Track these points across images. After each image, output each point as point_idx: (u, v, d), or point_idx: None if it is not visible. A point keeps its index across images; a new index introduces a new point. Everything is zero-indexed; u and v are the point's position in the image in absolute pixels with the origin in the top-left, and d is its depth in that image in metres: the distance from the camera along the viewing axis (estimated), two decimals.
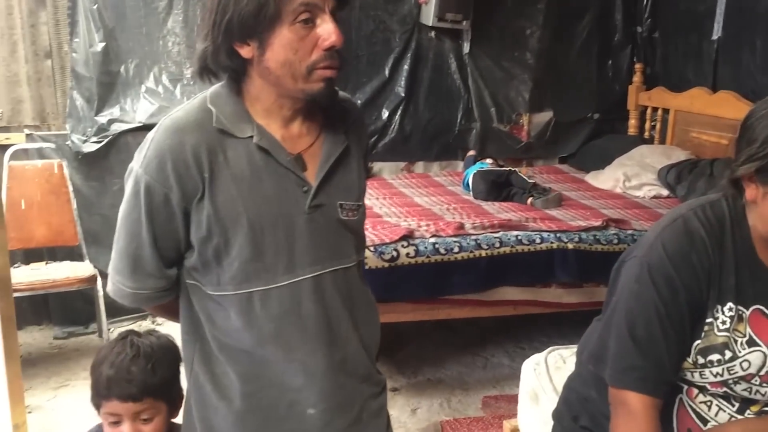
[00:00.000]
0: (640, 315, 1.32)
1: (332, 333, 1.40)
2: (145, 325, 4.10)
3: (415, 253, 3.12)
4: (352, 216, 1.43)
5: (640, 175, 4.13)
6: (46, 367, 3.58)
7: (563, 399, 1.61)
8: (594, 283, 3.31)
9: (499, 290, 3.26)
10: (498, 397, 3.36)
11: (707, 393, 1.34)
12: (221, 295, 1.36)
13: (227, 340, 1.38)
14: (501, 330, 3.96)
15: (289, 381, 1.38)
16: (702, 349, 1.30)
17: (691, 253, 1.30)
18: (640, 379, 1.30)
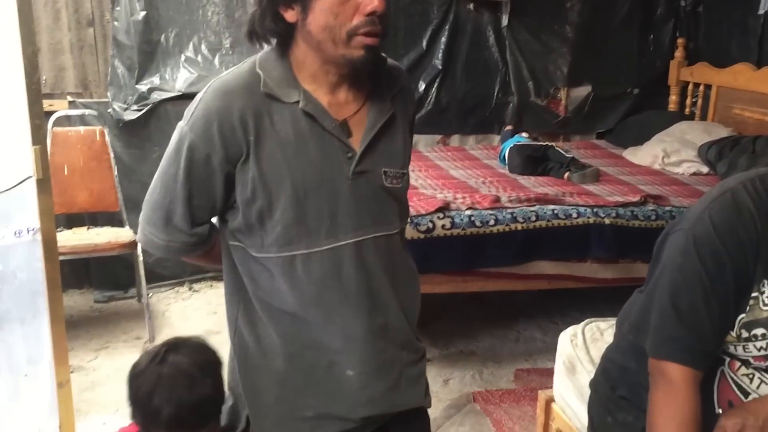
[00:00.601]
0: (684, 288, 1.31)
1: (372, 298, 1.42)
2: (182, 291, 4.18)
3: (451, 225, 3.13)
4: (396, 184, 1.44)
5: (680, 152, 4.07)
6: (86, 329, 3.68)
7: (601, 369, 1.62)
8: (630, 259, 3.29)
9: (534, 264, 3.26)
10: (530, 370, 3.37)
11: (750, 366, 1.34)
12: (265, 257, 1.38)
13: (270, 301, 1.41)
14: (534, 304, 3.96)
15: (329, 343, 1.41)
16: (746, 323, 1.30)
17: (738, 227, 1.29)
18: (682, 351, 1.30)
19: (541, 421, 2.01)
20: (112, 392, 3.07)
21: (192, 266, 4.27)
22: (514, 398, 3.11)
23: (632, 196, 3.44)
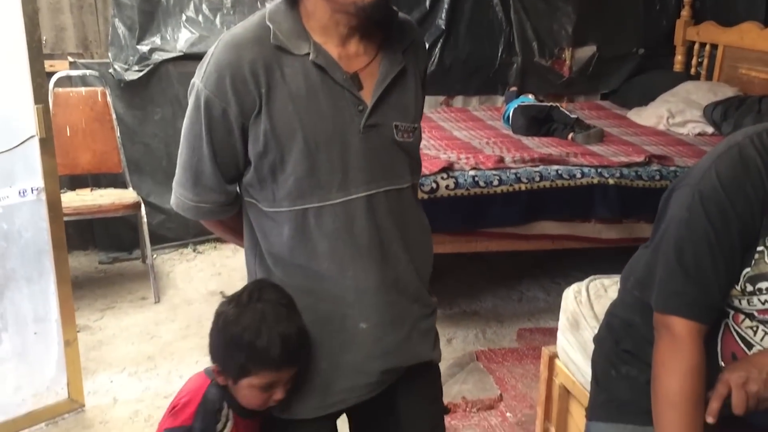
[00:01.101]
0: (690, 243, 1.31)
1: (384, 252, 1.43)
2: (186, 253, 4.20)
3: (455, 185, 3.13)
4: (407, 138, 1.44)
5: (685, 112, 4.05)
6: (92, 290, 3.70)
7: (605, 324, 1.63)
8: (634, 219, 3.30)
9: (537, 224, 3.27)
10: (533, 329, 3.40)
11: (754, 319, 1.34)
12: (276, 212, 1.38)
13: (281, 255, 1.41)
14: (537, 265, 3.98)
15: (342, 296, 1.42)
16: (751, 276, 1.30)
17: (745, 182, 1.29)
18: (687, 305, 1.30)
19: (545, 377, 2.03)
20: (118, 351, 3.10)
21: (195, 228, 4.29)
22: (516, 357, 3.14)
23: (636, 156, 3.43)
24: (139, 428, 2.56)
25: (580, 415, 1.84)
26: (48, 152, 2.51)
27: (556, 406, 1.98)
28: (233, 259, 4.13)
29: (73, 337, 2.64)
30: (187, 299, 3.62)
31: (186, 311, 3.49)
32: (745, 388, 1.26)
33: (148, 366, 2.98)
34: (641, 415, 1.39)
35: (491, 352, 3.17)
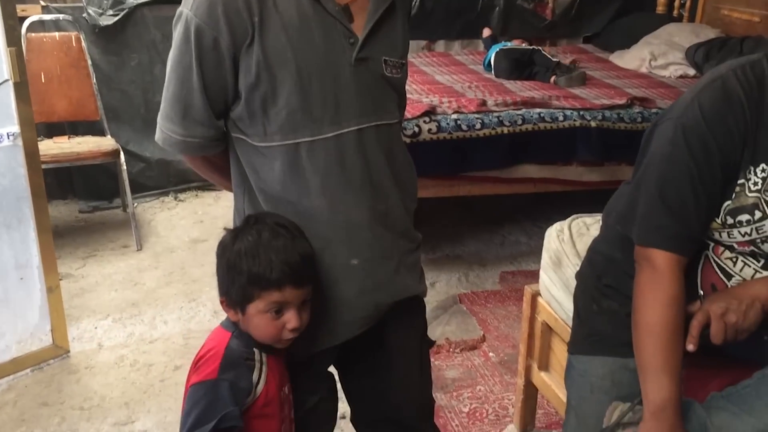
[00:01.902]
0: (672, 176, 1.32)
1: (374, 186, 1.44)
2: (167, 201, 4.17)
3: (437, 129, 3.11)
4: (396, 73, 1.44)
5: (667, 54, 4.03)
6: (73, 238, 3.68)
7: (587, 260, 1.64)
8: (615, 161, 3.31)
9: (519, 168, 3.27)
10: (515, 272, 3.43)
11: (734, 251, 1.36)
12: (267, 147, 1.38)
13: (272, 192, 1.41)
14: (519, 209, 4.00)
15: (333, 232, 1.42)
16: (732, 209, 1.31)
17: (727, 114, 1.29)
18: (668, 238, 1.31)
19: (527, 314, 2.05)
20: (102, 298, 3.10)
21: (176, 176, 4.26)
22: (499, 299, 3.17)
23: (618, 99, 3.42)
24: (125, 373, 2.57)
25: (561, 350, 1.87)
26: (23, 98, 2.46)
27: (539, 343, 2.01)
28: (215, 207, 4.11)
29: (56, 284, 2.63)
30: (170, 247, 3.61)
31: (168, 258, 3.49)
32: (724, 319, 1.28)
33: (132, 312, 2.98)
34: (622, 347, 1.42)
35: (474, 294, 3.21)
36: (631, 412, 1.35)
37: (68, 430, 2.28)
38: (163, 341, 2.78)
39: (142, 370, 2.60)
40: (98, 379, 2.54)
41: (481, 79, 3.88)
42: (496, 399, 2.48)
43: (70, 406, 2.39)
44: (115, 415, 2.35)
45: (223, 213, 4.03)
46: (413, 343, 1.64)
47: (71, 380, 2.53)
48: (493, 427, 2.32)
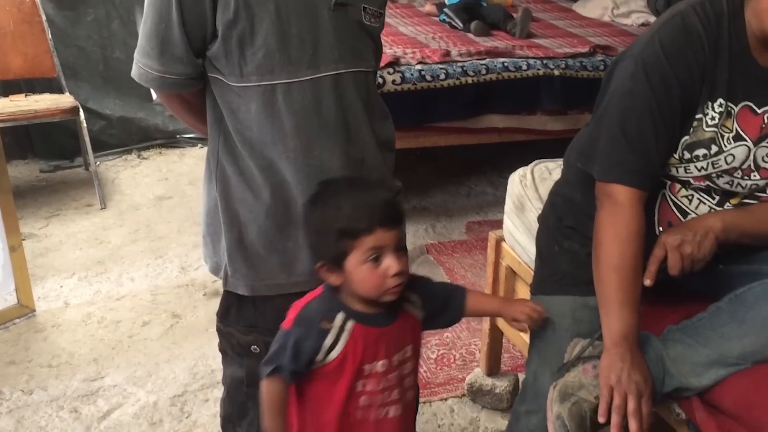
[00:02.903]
0: (633, 112, 1.34)
1: (350, 133, 1.44)
2: (130, 159, 4.12)
3: (401, 80, 3.09)
4: (374, 22, 1.45)
5: (629, 3, 4.05)
6: (35, 198, 3.62)
7: (549, 203, 1.67)
8: (578, 110, 3.33)
9: (484, 118, 3.27)
10: (481, 222, 3.46)
11: (690, 187, 1.39)
12: (244, 87, 1.37)
13: (248, 133, 1.41)
14: (484, 160, 4.02)
15: (306, 179, 1.42)
16: (689, 144, 1.34)
17: (687, 49, 1.31)
18: (628, 173, 1.34)
19: (492, 260, 2.08)
20: (66, 257, 3.07)
21: (139, 134, 4.20)
22: (465, 248, 3.21)
23: (581, 47, 3.43)
24: (93, 330, 2.56)
25: (525, 293, 1.90)
26: None
27: (503, 287, 2.04)
28: (179, 164, 4.07)
29: (18, 243, 2.60)
30: (134, 204, 3.57)
31: (134, 216, 3.45)
32: (680, 250, 1.31)
33: (98, 270, 2.96)
34: (583, 286, 1.45)
35: (441, 244, 3.23)
36: (591, 347, 1.39)
37: (37, 387, 2.27)
38: (130, 298, 2.77)
39: (110, 326, 2.59)
40: (66, 336, 2.53)
41: (444, 30, 3.85)
42: (463, 345, 2.52)
43: (38, 364, 2.38)
44: (84, 372, 2.34)
45: (188, 170, 3.99)
46: None
47: (38, 338, 2.52)
48: (460, 371, 2.37)
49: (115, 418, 2.14)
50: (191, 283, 2.86)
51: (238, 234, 1.49)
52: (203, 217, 1.58)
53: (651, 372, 1.31)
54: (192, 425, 2.11)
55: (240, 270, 1.50)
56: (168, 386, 2.28)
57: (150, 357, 2.42)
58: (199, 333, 2.54)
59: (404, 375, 1.39)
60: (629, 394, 1.26)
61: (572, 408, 1.31)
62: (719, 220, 1.34)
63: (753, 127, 1.33)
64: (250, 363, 1.60)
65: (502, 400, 2.16)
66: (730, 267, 1.43)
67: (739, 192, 1.37)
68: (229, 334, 1.60)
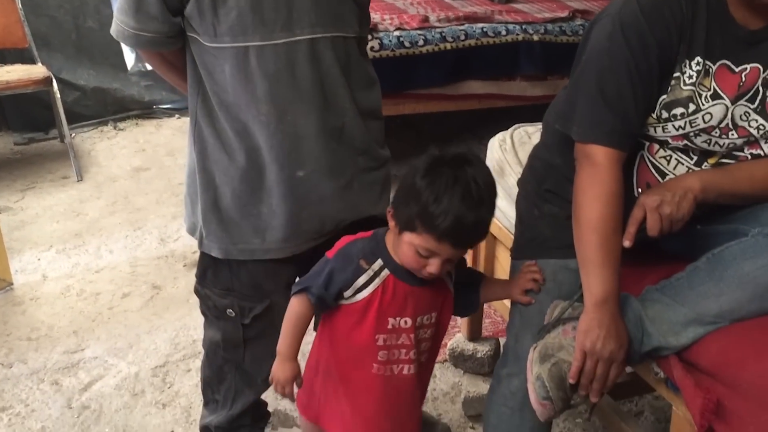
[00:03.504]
0: (611, 72, 1.33)
1: (327, 99, 1.42)
2: (107, 131, 4.06)
3: (380, 46, 3.06)
4: None
5: None
6: (9, 171, 3.56)
7: (528, 167, 1.66)
8: (558, 75, 3.32)
9: (464, 84, 3.26)
10: None
11: (668, 147, 1.39)
12: (218, 48, 1.36)
13: (224, 96, 1.40)
14: (465, 128, 4.00)
15: (280, 144, 1.41)
16: (667, 103, 1.33)
17: (664, 8, 1.30)
18: (607, 133, 1.33)
19: None
20: (43, 230, 3.03)
21: (115, 104, 4.14)
22: None
23: (560, 12, 3.42)
24: (72, 302, 2.54)
25: (506, 258, 1.90)
26: None
27: (484, 252, 2.04)
28: (157, 135, 4.02)
29: None
30: (111, 176, 3.53)
31: (111, 188, 3.41)
32: (659, 211, 1.31)
33: (76, 243, 2.93)
34: (563, 249, 1.45)
35: None
36: (571, 308, 1.40)
37: (16, 360, 2.25)
38: (109, 270, 2.74)
39: (89, 299, 2.57)
40: (44, 309, 2.51)
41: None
42: None
43: (17, 337, 2.36)
44: (64, 344, 2.33)
45: (166, 141, 3.95)
46: None
47: (16, 312, 2.49)
48: None
49: (97, 389, 2.13)
50: (171, 254, 2.84)
51: (213, 196, 1.48)
52: (185, 178, 1.58)
53: (629, 332, 1.32)
54: (174, 395, 2.11)
55: (214, 232, 1.50)
56: (149, 357, 2.27)
57: (131, 328, 2.41)
58: (180, 304, 2.53)
59: (423, 339, 1.43)
60: (600, 361, 1.29)
61: (552, 369, 1.32)
62: (697, 180, 1.34)
63: (730, 85, 1.33)
64: (227, 327, 1.61)
65: (484, 365, 2.18)
66: (708, 227, 1.43)
67: (717, 151, 1.38)
68: (206, 296, 1.60)
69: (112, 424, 2.00)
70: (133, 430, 1.98)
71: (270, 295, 1.58)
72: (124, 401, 2.09)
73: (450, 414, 2.06)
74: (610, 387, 1.33)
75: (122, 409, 2.05)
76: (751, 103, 1.34)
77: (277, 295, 1.58)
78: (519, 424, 1.48)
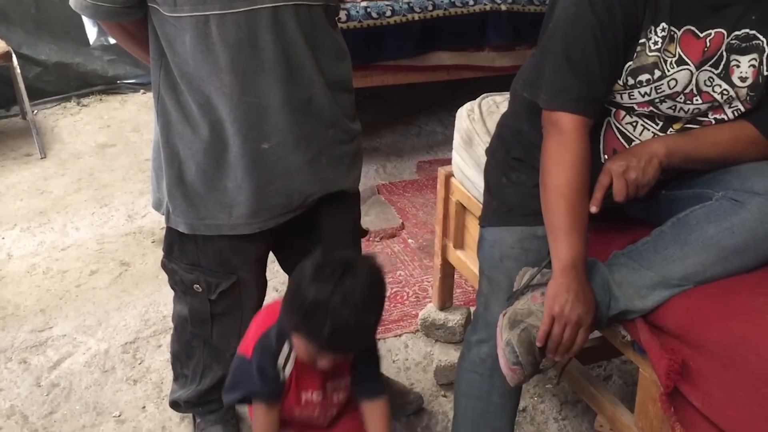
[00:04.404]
0: (577, 38, 1.33)
1: (291, 70, 1.40)
2: (70, 107, 3.98)
3: (347, 17, 3.03)
4: None
5: None
6: None
7: (496, 135, 1.66)
8: (526, 45, 3.31)
9: (432, 55, 3.24)
10: (431, 161, 3.46)
11: (634, 114, 1.40)
12: (177, 17, 1.33)
13: (185, 67, 1.37)
14: (434, 99, 4.00)
15: (244, 116, 1.39)
16: (633, 69, 1.34)
17: None
18: (573, 100, 1.33)
19: (442, 196, 2.08)
20: (7, 208, 2.98)
21: (77, 80, 4.07)
22: (416, 188, 3.21)
23: None
24: (39, 281, 2.51)
25: (475, 227, 1.91)
26: None
27: (453, 223, 2.05)
28: (121, 111, 3.96)
29: None
30: (76, 153, 3.47)
31: (76, 165, 3.36)
32: (625, 176, 1.33)
33: (41, 221, 2.88)
34: (530, 216, 1.46)
35: (392, 185, 3.23)
36: (540, 274, 1.41)
37: None
38: (76, 248, 2.71)
39: (56, 277, 2.53)
40: (10, 288, 2.47)
41: None
42: (416, 282, 2.54)
43: None
44: (31, 322, 2.30)
45: (131, 116, 3.89)
46: (346, 233, 1.69)
47: None
48: (413, 308, 2.39)
49: (66, 367, 2.11)
50: (139, 230, 2.81)
51: (177, 170, 1.46)
52: (152, 152, 1.56)
53: (597, 297, 1.34)
54: (145, 371, 2.10)
55: (180, 207, 1.48)
56: (119, 334, 2.25)
57: (99, 306, 2.38)
58: (149, 280, 2.50)
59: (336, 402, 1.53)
60: (568, 325, 1.31)
61: (521, 334, 1.33)
62: (662, 146, 1.36)
63: (695, 51, 1.34)
64: (194, 302, 1.60)
65: (455, 333, 2.19)
66: (673, 192, 1.45)
67: (682, 117, 1.39)
68: (173, 270, 1.59)
69: (82, 402, 1.98)
70: (103, 406, 1.97)
71: (237, 270, 1.57)
72: (94, 378, 2.07)
73: (422, 383, 2.08)
74: (577, 351, 1.35)
75: (92, 386, 2.04)
76: (715, 68, 1.35)
77: (244, 271, 1.58)
78: (489, 390, 1.50)
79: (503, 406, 1.53)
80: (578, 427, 1.93)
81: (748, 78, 1.34)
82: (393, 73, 3.24)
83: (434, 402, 2.01)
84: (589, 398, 1.63)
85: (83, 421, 1.92)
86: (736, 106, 1.37)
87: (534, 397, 2.03)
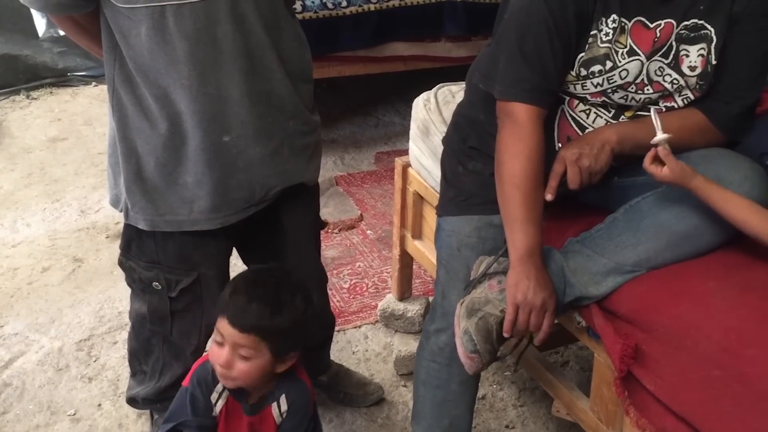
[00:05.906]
0: (530, 30, 1.34)
1: (252, 61, 1.38)
2: (19, 100, 3.89)
3: (302, 8, 3.01)
4: None
5: None
6: None
7: (453, 124, 1.67)
8: (482, 35, 3.32)
9: (388, 45, 3.24)
10: (390, 152, 3.46)
11: (587, 103, 1.42)
12: (132, 9, 1.29)
13: (141, 60, 1.34)
14: (391, 90, 3.99)
15: (203, 108, 1.37)
16: (585, 61, 1.35)
17: None
18: (527, 91, 1.35)
19: (399, 186, 2.08)
20: None
21: (27, 72, 3.98)
22: (375, 179, 3.21)
23: None
24: None
25: (432, 217, 1.91)
26: None
27: (411, 212, 2.05)
28: (73, 104, 3.87)
29: None
30: (26, 147, 3.39)
31: (26, 159, 3.28)
32: (578, 164, 1.34)
33: None
34: (487, 205, 1.47)
35: (350, 176, 3.22)
36: (496, 263, 1.42)
37: None
38: (27, 244, 2.64)
39: (6, 274, 2.47)
40: None
41: None
42: (375, 273, 2.54)
43: None
44: None
45: (83, 110, 3.81)
46: (307, 225, 1.69)
47: None
48: (373, 299, 2.39)
49: (18, 366, 2.06)
50: (92, 226, 2.75)
51: (135, 166, 1.43)
52: (107, 148, 1.52)
53: (553, 284, 1.35)
54: (101, 368, 2.06)
55: (139, 203, 1.45)
56: (73, 331, 2.20)
57: (52, 303, 2.33)
58: (103, 276, 2.46)
59: None
60: (533, 311, 1.32)
61: (479, 322, 1.34)
62: (614, 133, 1.38)
63: (646, 41, 1.36)
64: (153, 299, 1.57)
65: (414, 323, 2.20)
66: (625, 179, 1.47)
67: (633, 106, 1.41)
68: (131, 268, 1.56)
69: (36, 401, 1.94)
70: (58, 405, 1.93)
71: (198, 267, 1.54)
72: (47, 377, 2.03)
73: (382, 374, 2.08)
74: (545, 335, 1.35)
75: (46, 385, 2.00)
76: (665, 58, 1.37)
77: (205, 267, 1.55)
78: (448, 378, 1.51)
79: (462, 394, 1.54)
80: (536, 413, 1.96)
81: (697, 67, 1.37)
82: (350, 64, 3.23)
83: (395, 392, 2.02)
84: (547, 384, 1.65)
85: (37, 420, 1.88)
86: (686, 94, 1.40)
87: (493, 385, 2.05)
